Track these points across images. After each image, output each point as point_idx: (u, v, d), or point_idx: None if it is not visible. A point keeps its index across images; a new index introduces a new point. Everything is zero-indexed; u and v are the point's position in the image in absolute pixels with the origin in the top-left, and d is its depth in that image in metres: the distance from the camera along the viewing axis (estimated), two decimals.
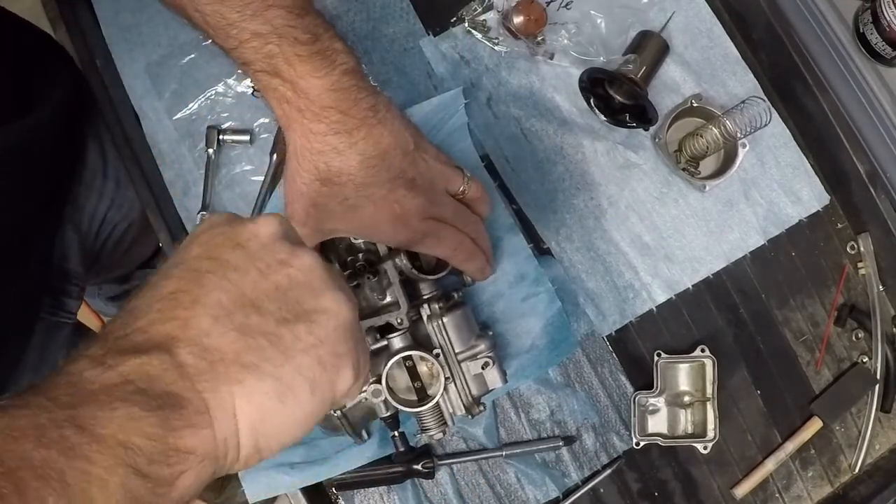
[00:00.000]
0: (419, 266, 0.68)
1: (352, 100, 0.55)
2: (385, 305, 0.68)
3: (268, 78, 0.55)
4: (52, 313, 0.82)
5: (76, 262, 0.86)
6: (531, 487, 0.81)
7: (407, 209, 0.59)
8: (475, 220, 0.69)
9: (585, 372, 0.84)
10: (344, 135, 0.54)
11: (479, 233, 0.69)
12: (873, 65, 0.91)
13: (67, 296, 0.84)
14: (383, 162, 0.56)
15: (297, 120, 0.55)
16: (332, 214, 0.58)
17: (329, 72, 0.54)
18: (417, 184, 0.60)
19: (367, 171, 0.56)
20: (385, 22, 0.87)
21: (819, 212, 0.91)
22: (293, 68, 0.54)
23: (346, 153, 0.55)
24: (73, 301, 0.85)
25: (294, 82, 0.54)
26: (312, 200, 0.57)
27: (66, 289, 0.84)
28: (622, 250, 0.87)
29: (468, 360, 0.68)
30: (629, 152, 0.88)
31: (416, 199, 0.59)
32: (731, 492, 0.84)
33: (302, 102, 0.54)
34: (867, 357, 0.89)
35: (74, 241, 0.86)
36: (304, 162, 0.56)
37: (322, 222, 0.59)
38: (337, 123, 0.54)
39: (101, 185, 0.91)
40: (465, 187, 0.66)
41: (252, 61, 0.56)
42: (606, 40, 0.88)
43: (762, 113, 0.84)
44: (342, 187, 0.56)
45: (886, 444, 0.88)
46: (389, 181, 0.57)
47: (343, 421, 0.68)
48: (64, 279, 0.84)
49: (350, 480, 0.79)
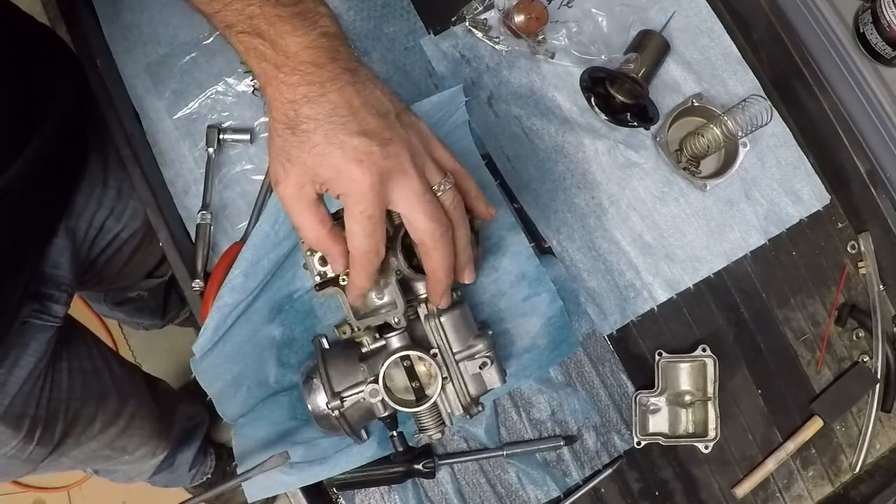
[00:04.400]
0: (416, 265, 0.68)
1: (328, 57, 0.54)
2: (382, 305, 0.68)
3: (249, 38, 0.55)
4: (37, 317, 0.82)
5: (66, 269, 0.85)
6: (532, 487, 0.81)
7: (378, 165, 0.55)
8: (463, 219, 0.62)
9: (586, 371, 0.84)
10: (316, 86, 0.54)
11: (462, 236, 0.61)
12: (873, 65, 0.91)
13: (54, 301, 0.84)
14: (354, 117, 0.55)
15: (274, 75, 0.54)
16: (305, 165, 0.56)
17: (308, 31, 0.54)
18: (393, 145, 0.56)
19: (335, 120, 0.54)
20: (386, 21, 0.87)
21: (819, 211, 0.91)
22: (273, 27, 0.54)
23: (317, 101, 0.53)
24: (59, 306, 0.84)
25: (274, 41, 0.54)
26: (287, 154, 0.55)
27: (54, 294, 0.84)
28: (623, 249, 0.87)
29: (466, 360, 0.68)
30: (630, 151, 0.88)
31: (389, 160, 0.55)
32: (732, 491, 0.84)
33: (279, 59, 0.54)
34: (868, 356, 0.89)
35: (67, 249, 0.86)
36: (277, 113, 0.55)
37: (300, 176, 0.57)
38: (310, 75, 0.54)
39: (101, 195, 0.90)
40: (446, 183, 0.59)
41: (234, 23, 0.56)
42: (607, 39, 0.88)
43: (763, 112, 0.84)
44: (311, 134, 0.54)
45: (887, 443, 0.88)
46: (360, 134, 0.54)
47: (341, 421, 0.68)
48: (52, 285, 0.84)
49: (351, 480, 0.78)
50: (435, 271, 0.61)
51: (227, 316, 0.74)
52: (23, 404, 0.83)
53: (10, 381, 0.80)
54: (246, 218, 0.82)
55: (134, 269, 1.10)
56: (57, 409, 0.88)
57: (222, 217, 0.82)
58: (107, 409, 0.99)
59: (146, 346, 1.75)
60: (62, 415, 0.89)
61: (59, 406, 0.89)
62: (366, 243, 0.57)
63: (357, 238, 0.57)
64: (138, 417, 1.07)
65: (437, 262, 0.60)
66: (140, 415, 1.07)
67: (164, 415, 1.20)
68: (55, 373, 0.88)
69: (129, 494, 1.55)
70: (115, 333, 1.75)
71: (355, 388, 0.67)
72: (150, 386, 1.19)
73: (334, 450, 0.77)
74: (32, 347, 0.82)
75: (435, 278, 0.61)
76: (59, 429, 0.89)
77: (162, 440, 1.18)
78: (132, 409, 1.05)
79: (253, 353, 0.77)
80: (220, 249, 0.81)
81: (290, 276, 0.78)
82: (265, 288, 0.76)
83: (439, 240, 0.59)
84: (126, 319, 1.46)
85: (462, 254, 0.62)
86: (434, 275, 0.61)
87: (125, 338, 1.77)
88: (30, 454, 0.87)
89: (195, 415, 1.36)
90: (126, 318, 1.44)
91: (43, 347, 0.83)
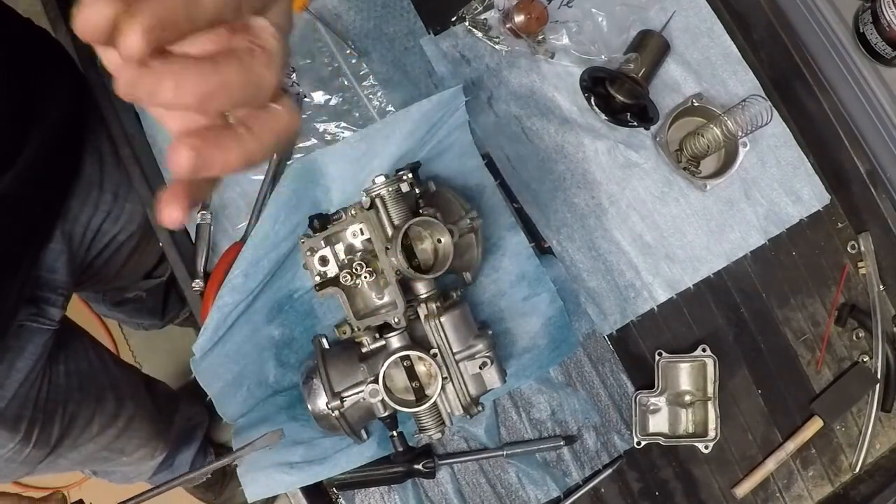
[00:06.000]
0: (416, 265, 0.68)
1: None
2: (382, 305, 0.68)
3: None
4: (33, 320, 0.82)
5: (63, 273, 0.85)
6: (532, 487, 0.81)
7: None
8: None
9: (586, 371, 0.84)
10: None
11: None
12: (873, 65, 0.91)
13: (50, 304, 0.84)
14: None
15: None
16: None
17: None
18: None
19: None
20: (386, 21, 0.87)
21: (819, 211, 0.91)
22: None
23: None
24: (55, 309, 0.84)
25: None
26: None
27: (50, 298, 0.84)
28: (623, 249, 0.87)
29: (466, 360, 0.67)
30: (630, 151, 0.88)
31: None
32: (732, 491, 0.84)
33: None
34: (868, 356, 0.89)
35: (64, 252, 0.86)
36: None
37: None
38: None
39: (97, 198, 0.90)
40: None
41: None
42: (607, 39, 0.88)
43: (763, 112, 0.84)
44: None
45: (887, 443, 0.88)
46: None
47: (341, 421, 0.68)
48: (48, 289, 0.84)
49: (351, 480, 0.78)
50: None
51: (227, 316, 0.74)
52: (19, 406, 0.83)
53: (6, 385, 0.80)
54: (246, 218, 0.82)
55: (131, 270, 1.10)
56: (54, 411, 0.88)
57: (222, 217, 0.82)
58: (104, 411, 0.99)
59: (146, 347, 1.75)
60: (59, 417, 0.89)
61: (55, 408, 0.89)
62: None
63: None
64: (137, 419, 1.07)
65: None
66: (138, 416, 1.07)
67: (163, 416, 1.19)
68: (52, 375, 0.88)
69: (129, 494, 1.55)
70: (115, 334, 1.75)
71: (355, 388, 0.67)
72: (149, 387, 1.19)
73: (334, 450, 0.77)
74: (29, 350, 0.82)
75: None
76: (56, 431, 0.89)
77: (161, 442, 1.18)
78: (130, 411, 1.05)
79: (253, 353, 0.77)
80: (220, 249, 0.81)
81: (290, 276, 0.78)
82: (265, 288, 0.76)
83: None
84: (125, 319, 1.46)
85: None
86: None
87: (125, 338, 1.77)
88: (27, 456, 0.86)
89: (195, 415, 1.36)
90: (125, 318, 1.44)
91: (39, 350, 0.83)
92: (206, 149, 0.32)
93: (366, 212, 0.67)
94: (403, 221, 0.65)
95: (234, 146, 0.33)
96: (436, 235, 0.68)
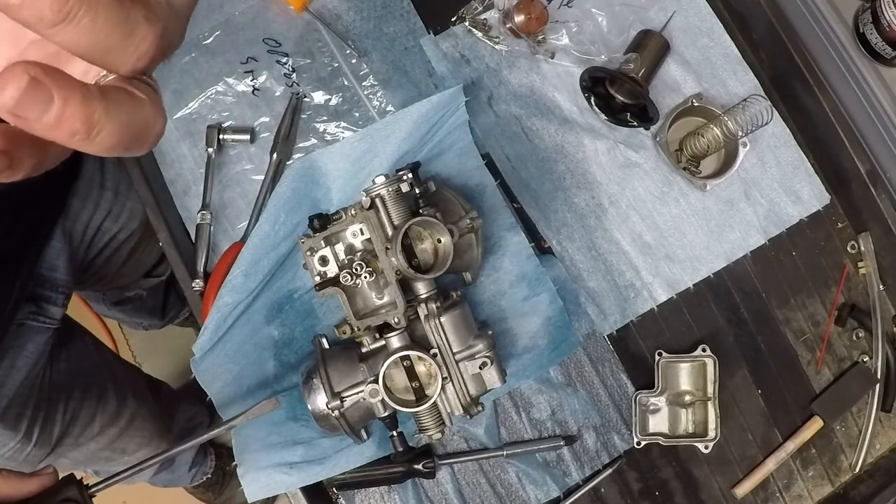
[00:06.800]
0: (416, 265, 0.68)
1: None
2: (382, 305, 0.68)
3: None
4: (33, 319, 0.82)
5: (63, 272, 0.85)
6: (532, 487, 0.81)
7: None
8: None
9: (586, 371, 0.84)
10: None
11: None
12: (873, 65, 0.91)
13: (51, 303, 0.84)
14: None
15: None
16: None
17: None
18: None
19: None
20: (386, 21, 0.87)
21: (819, 211, 0.91)
22: None
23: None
24: (56, 308, 0.84)
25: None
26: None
27: (50, 296, 0.84)
28: (623, 249, 0.87)
29: (466, 360, 0.67)
30: (630, 151, 0.88)
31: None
32: (732, 491, 0.84)
33: None
34: (868, 356, 0.89)
35: (64, 251, 0.86)
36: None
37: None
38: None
39: (98, 196, 0.90)
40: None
41: None
42: (607, 39, 0.88)
43: (763, 111, 0.84)
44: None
45: (887, 443, 0.88)
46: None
47: (341, 421, 0.68)
48: (49, 287, 0.84)
49: (351, 480, 0.78)
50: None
51: (227, 316, 0.74)
52: (20, 405, 0.83)
53: (7, 383, 0.80)
54: (246, 218, 0.82)
55: (132, 269, 1.10)
56: (55, 409, 0.88)
57: (222, 217, 0.82)
58: (106, 410, 0.99)
59: (146, 346, 1.75)
60: (60, 415, 0.89)
61: (57, 407, 0.89)
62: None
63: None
64: (139, 418, 1.07)
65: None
66: (140, 416, 1.07)
67: (165, 416, 1.19)
68: (53, 374, 0.88)
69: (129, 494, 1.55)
70: (115, 333, 1.75)
71: (355, 388, 0.67)
72: (151, 387, 1.19)
73: (334, 450, 0.77)
74: (29, 349, 0.82)
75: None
76: (57, 429, 0.89)
77: (162, 441, 1.18)
78: (132, 409, 1.05)
79: (253, 353, 0.77)
80: (220, 249, 0.81)
81: (290, 276, 0.78)
82: (265, 288, 0.76)
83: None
84: (125, 319, 1.46)
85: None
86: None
87: (125, 338, 1.77)
88: (28, 455, 0.87)
89: (195, 415, 1.36)
90: (125, 317, 1.44)
91: (40, 349, 0.83)
92: (47, 81, 0.24)
93: (366, 212, 0.67)
94: (403, 221, 0.65)
95: (79, 100, 0.25)
96: (436, 235, 0.68)
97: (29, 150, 0.29)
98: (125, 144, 0.29)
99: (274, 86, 0.85)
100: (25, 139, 0.28)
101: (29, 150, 0.29)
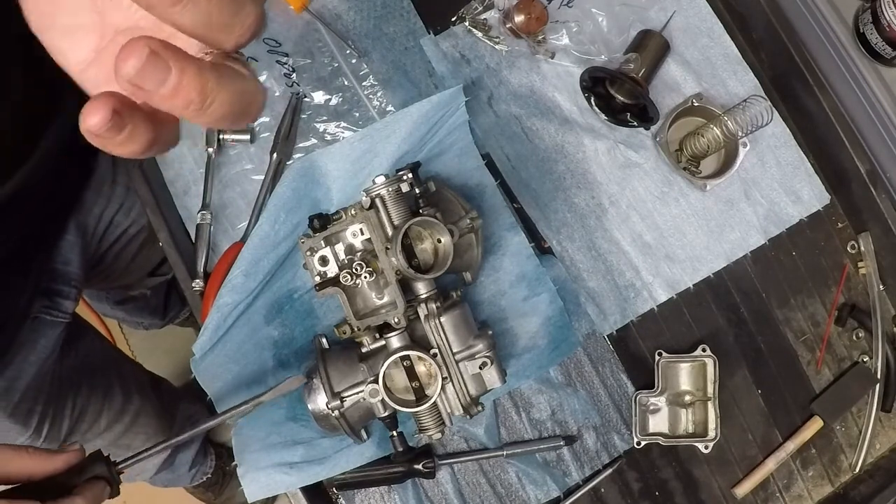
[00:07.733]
0: (416, 265, 0.68)
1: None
2: (382, 305, 0.68)
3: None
4: (47, 313, 0.82)
5: (77, 266, 0.85)
6: (532, 487, 0.81)
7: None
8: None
9: (586, 371, 0.84)
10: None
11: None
12: (873, 65, 0.91)
13: (64, 297, 0.84)
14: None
15: None
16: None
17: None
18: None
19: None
20: (386, 20, 0.87)
21: (819, 211, 0.91)
22: None
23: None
24: (69, 302, 0.85)
25: None
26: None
27: (63, 290, 0.84)
28: (623, 249, 0.87)
29: (466, 360, 0.67)
30: (630, 151, 0.88)
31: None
32: (732, 491, 0.84)
33: None
34: (868, 356, 0.89)
35: (77, 245, 0.86)
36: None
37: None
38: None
39: (110, 191, 0.91)
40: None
41: None
42: (607, 39, 0.88)
43: (763, 112, 0.84)
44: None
45: (887, 443, 0.88)
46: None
47: (341, 421, 0.68)
48: (62, 281, 0.84)
49: (351, 480, 0.78)
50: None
51: (227, 316, 0.74)
52: (32, 400, 0.83)
53: (20, 377, 0.81)
54: (246, 218, 0.82)
55: (139, 265, 1.11)
56: (64, 405, 0.89)
57: (222, 217, 0.82)
58: (112, 406, 0.99)
59: (146, 346, 1.75)
60: (69, 411, 0.90)
61: (65, 402, 0.89)
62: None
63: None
64: (143, 415, 1.07)
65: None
66: (144, 412, 1.08)
67: (167, 413, 1.20)
68: (63, 369, 0.89)
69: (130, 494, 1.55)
70: (115, 333, 1.75)
71: (355, 388, 0.67)
72: (154, 384, 1.19)
73: (334, 450, 0.77)
74: (42, 343, 0.82)
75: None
76: (65, 425, 0.90)
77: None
78: (136, 406, 1.05)
79: (253, 353, 0.77)
80: (220, 249, 0.81)
81: (290, 276, 0.78)
82: (265, 288, 0.76)
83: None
84: (126, 318, 1.46)
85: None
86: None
87: (125, 337, 1.77)
88: None
89: (195, 414, 1.36)
90: (126, 317, 1.44)
91: (52, 344, 0.84)
92: (164, 54, 0.26)
93: (366, 212, 0.67)
94: (403, 221, 0.65)
95: (194, 72, 0.27)
96: (436, 235, 0.68)
97: (143, 123, 0.30)
98: (234, 115, 0.30)
99: (274, 86, 0.85)
100: (138, 111, 0.29)
101: (143, 123, 0.30)
